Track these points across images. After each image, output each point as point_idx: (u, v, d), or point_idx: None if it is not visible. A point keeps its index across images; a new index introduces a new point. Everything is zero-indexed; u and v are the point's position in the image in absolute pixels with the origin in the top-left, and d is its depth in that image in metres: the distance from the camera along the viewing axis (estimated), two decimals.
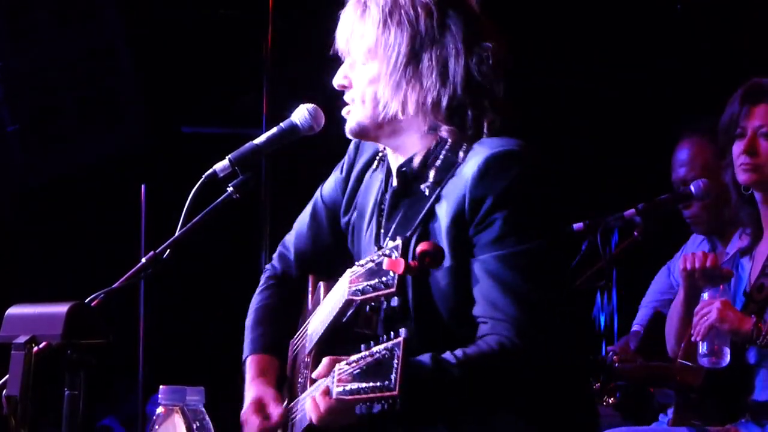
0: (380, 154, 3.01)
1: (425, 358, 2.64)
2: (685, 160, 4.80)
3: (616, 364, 4.47)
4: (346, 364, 2.49)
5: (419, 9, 2.82)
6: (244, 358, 3.12)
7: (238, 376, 3.07)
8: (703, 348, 3.95)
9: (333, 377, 2.51)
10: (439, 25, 2.82)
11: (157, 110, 5.84)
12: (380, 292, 2.62)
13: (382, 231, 2.92)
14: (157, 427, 2.52)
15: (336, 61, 2.96)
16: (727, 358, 3.93)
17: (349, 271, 2.75)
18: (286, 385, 3.10)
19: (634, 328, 4.95)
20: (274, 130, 2.99)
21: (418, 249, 2.60)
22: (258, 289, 3.24)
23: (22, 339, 2.49)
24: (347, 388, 2.46)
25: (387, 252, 2.61)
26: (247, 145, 2.95)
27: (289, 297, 3.17)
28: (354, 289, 2.68)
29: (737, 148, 4.03)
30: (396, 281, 2.58)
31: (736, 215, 4.20)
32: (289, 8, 5.46)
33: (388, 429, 2.66)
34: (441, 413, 2.69)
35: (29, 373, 2.46)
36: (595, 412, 2.98)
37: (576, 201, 3.10)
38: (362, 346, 2.48)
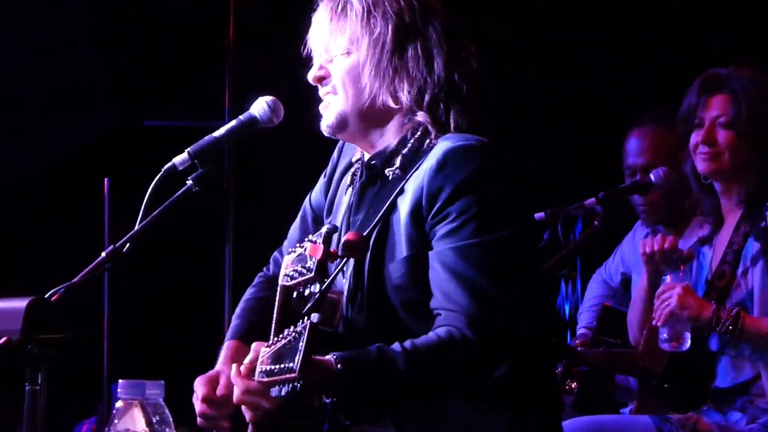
0: (358, 161, 3.01)
1: (372, 347, 2.65)
2: (645, 147, 4.76)
3: (579, 348, 4.48)
4: (267, 347, 2.54)
5: (402, 2, 2.87)
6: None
7: (200, 370, 3.06)
8: (663, 333, 3.97)
9: (259, 360, 2.56)
10: (422, 18, 2.87)
11: (122, 103, 5.82)
12: (303, 278, 2.66)
13: (351, 226, 2.93)
14: (116, 421, 2.51)
15: (297, 51, 2.96)
16: (688, 343, 3.96)
17: (285, 257, 2.77)
18: None
19: (581, 331, 4.95)
20: (234, 122, 2.99)
21: (344, 238, 2.63)
22: (248, 288, 3.24)
23: None
24: (264, 369, 2.50)
25: (313, 239, 2.64)
26: (207, 138, 2.95)
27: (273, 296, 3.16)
28: (284, 274, 2.71)
29: (695, 138, 4.04)
30: (315, 266, 2.61)
31: (697, 205, 4.21)
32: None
33: (338, 421, 2.66)
34: (386, 403, 2.68)
35: None
36: (559, 399, 3.00)
37: (537, 191, 3.11)
38: (285, 330, 2.51)
